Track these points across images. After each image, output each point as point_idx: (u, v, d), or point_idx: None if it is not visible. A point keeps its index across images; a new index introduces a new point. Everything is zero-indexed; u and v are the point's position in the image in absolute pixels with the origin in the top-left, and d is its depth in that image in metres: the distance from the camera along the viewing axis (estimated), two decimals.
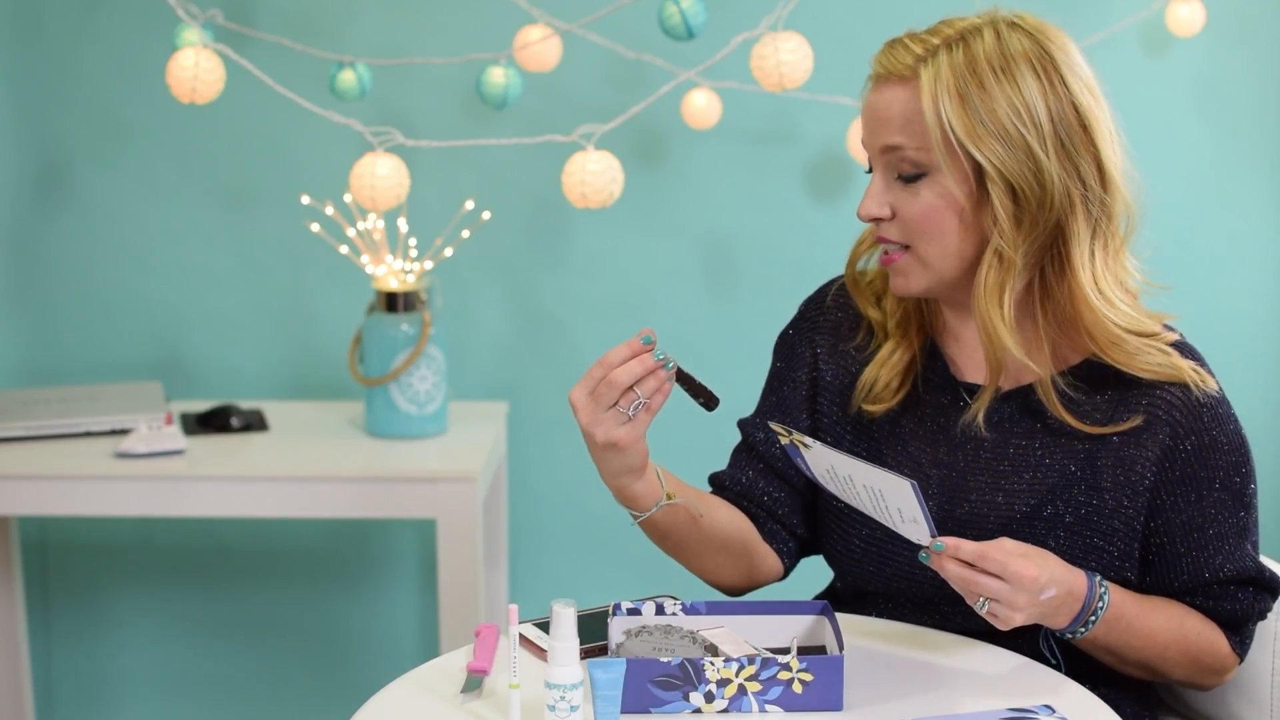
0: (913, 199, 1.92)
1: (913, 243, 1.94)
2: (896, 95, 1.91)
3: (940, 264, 1.94)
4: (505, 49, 3.02)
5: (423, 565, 3.40)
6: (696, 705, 1.80)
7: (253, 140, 3.27)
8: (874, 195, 1.94)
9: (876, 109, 1.93)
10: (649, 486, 1.95)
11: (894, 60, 1.91)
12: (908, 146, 1.91)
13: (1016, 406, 1.99)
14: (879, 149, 1.93)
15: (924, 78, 1.89)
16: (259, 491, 2.94)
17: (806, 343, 2.10)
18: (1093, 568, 1.94)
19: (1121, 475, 1.94)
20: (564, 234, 3.29)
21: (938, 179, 1.91)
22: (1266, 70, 3.23)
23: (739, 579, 2.10)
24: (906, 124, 1.90)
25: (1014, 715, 1.77)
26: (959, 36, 1.90)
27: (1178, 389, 1.94)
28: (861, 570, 2.04)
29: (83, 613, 3.43)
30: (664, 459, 2.10)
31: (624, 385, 1.84)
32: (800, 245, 3.25)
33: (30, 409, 3.07)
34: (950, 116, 1.88)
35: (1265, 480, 3.32)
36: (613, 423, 1.86)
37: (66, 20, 3.24)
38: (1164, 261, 3.22)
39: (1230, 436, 1.95)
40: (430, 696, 1.84)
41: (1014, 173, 1.88)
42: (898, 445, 2.03)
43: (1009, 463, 1.97)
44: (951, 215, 1.91)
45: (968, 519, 1.98)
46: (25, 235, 3.30)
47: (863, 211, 1.95)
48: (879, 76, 1.93)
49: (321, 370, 3.33)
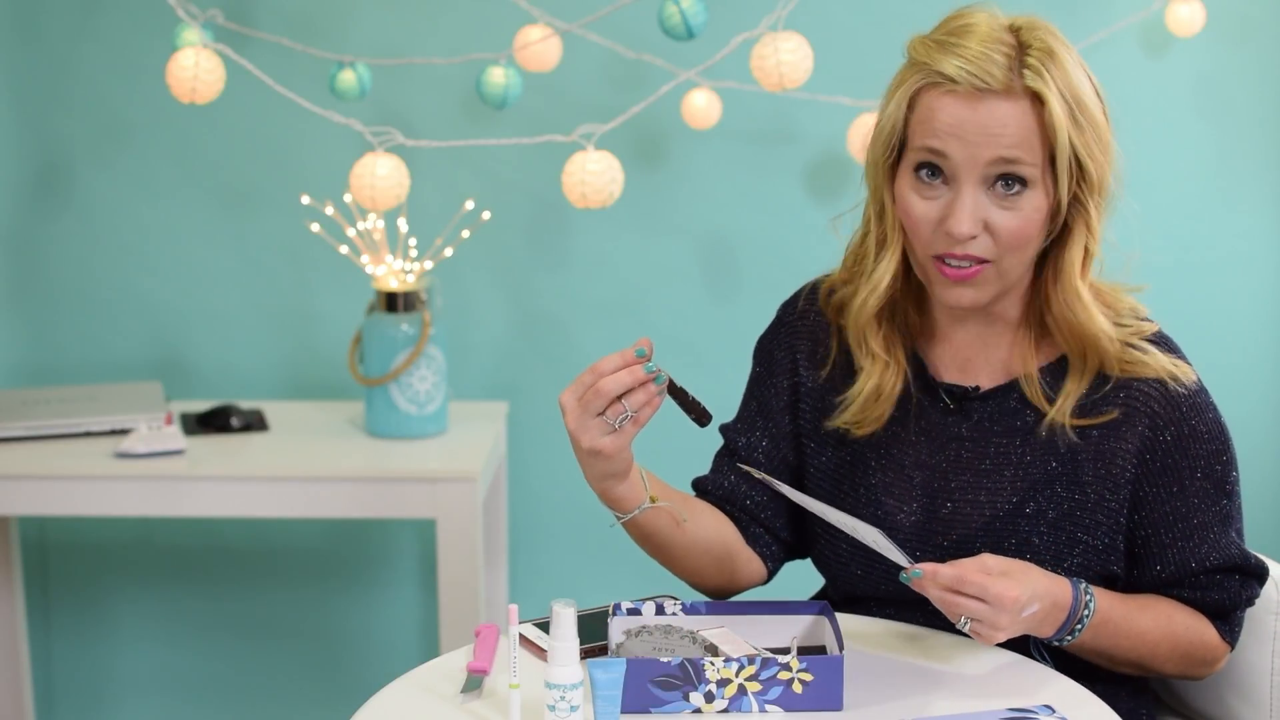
0: (1012, 214, 1.90)
1: (1000, 257, 1.91)
2: (1009, 112, 1.88)
3: (1015, 274, 1.94)
4: (505, 49, 3.02)
5: (423, 565, 3.40)
6: (696, 705, 1.80)
7: (253, 140, 3.27)
8: (972, 213, 1.89)
9: (986, 125, 1.88)
10: (632, 489, 1.96)
11: (988, 73, 1.87)
12: (1025, 162, 1.89)
13: (997, 405, 1.99)
14: (988, 162, 1.88)
15: (1047, 95, 1.87)
16: (259, 491, 2.94)
17: (785, 349, 2.11)
18: (1077, 563, 1.95)
19: (1103, 469, 1.95)
20: (564, 234, 3.29)
21: (1037, 191, 1.90)
22: (1266, 70, 3.23)
23: (721, 582, 2.11)
24: (1026, 141, 1.88)
25: (1014, 715, 1.78)
26: (1035, 44, 1.89)
27: (1155, 382, 1.95)
28: (849, 574, 2.05)
29: (83, 613, 3.43)
30: (651, 462, 2.10)
31: (612, 395, 1.85)
32: (800, 245, 3.25)
33: (30, 409, 3.07)
34: (1071, 132, 1.88)
35: (1265, 480, 3.32)
36: (598, 431, 1.87)
37: (66, 20, 3.24)
38: (1164, 261, 3.24)
39: (1209, 425, 1.96)
40: (430, 696, 1.84)
41: (1105, 174, 1.92)
42: (881, 449, 2.04)
43: (990, 461, 1.98)
44: (1042, 226, 1.92)
45: (951, 518, 1.98)
46: (25, 235, 3.30)
47: (961, 230, 1.89)
48: (979, 90, 1.88)
49: (321, 370, 3.33)
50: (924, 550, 1.99)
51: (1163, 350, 1.97)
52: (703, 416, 1.89)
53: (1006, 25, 1.91)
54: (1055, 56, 1.89)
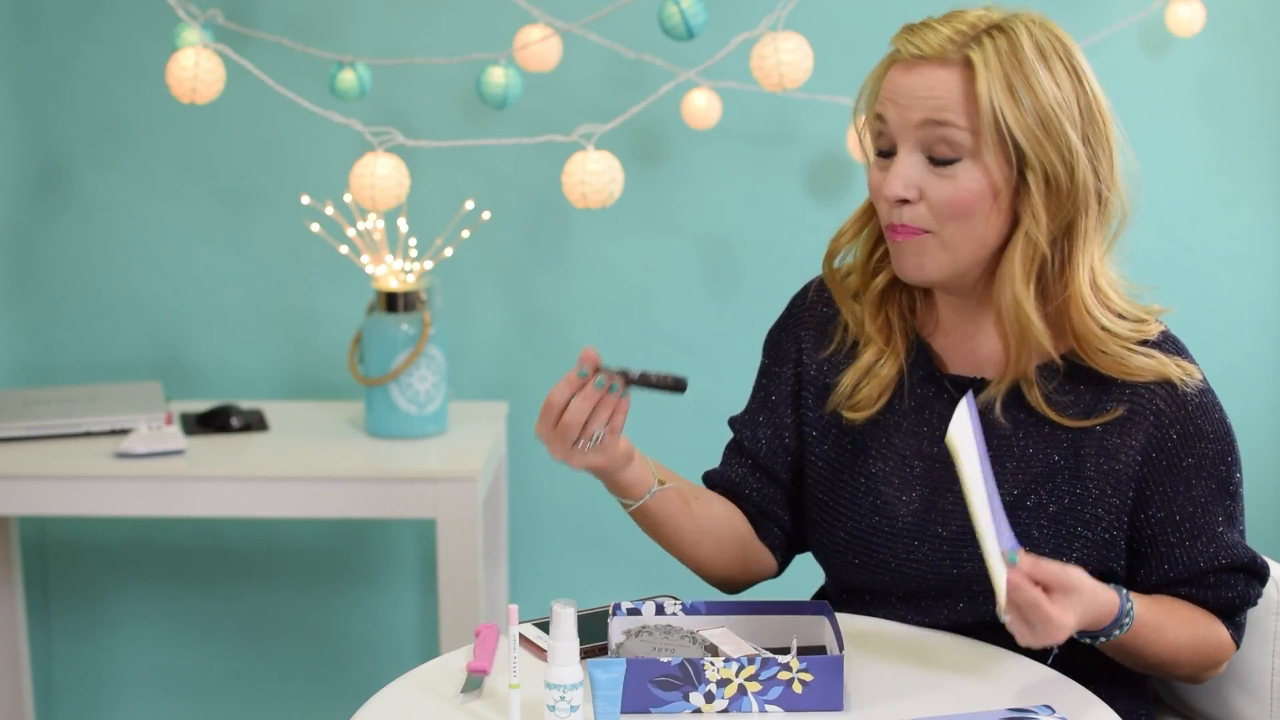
0: (946, 183, 1.91)
1: (940, 228, 1.93)
2: (940, 77, 1.90)
3: (963, 249, 1.94)
4: (505, 49, 3.02)
5: (423, 565, 3.40)
6: (696, 705, 1.80)
7: (253, 140, 3.27)
8: (902, 175, 1.92)
9: (914, 89, 1.91)
10: (639, 474, 1.98)
11: (927, 42, 1.91)
12: (956, 125, 1.90)
13: (999, 397, 1.99)
14: (916, 123, 1.91)
15: (977, 62, 1.89)
16: (259, 491, 2.94)
17: (791, 339, 2.12)
18: (1076, 558, 1.95)
19: (1105, 464, 1.95)
20: (564, 234, 3.29)
21: (975, 164, 1.91)
22: (1266, 70, 3.23)
23: (735, 572, 2.11)
24: (953, 105, 1.90)
25: (1014, 715, 1.78)
26: (995, 27, 1.91)
27: (1162, 382, 1.95)
28: (846, 563, 2.05)
29: (83, 613, 3.43)
30: (662, 459, 2.10)
31: (579, 424, 1.86)
32: (800, 245, 3.25)
33: (30, 409, 3.07)
34: (1001, 103, 1.88)
35: (1266, 480, 3.32)
36: (581, 453, 1.89)
37: (66, 20, 3.24)
38: (1164, 261, 3.24)
39: (1215, 425, 1.96)
40: (430, 696, 1.84)
41: (1050, 162, 1.90)
42: (882, 438, 2.04)
43: (992, 453, 1.98)
44: (986, 201, 1.92)
45: (951, 509, 1.98)
46: (25, 235, 3.30)
47: (889, 191, 1.92)
48: (915, 57, 1.91)
49: (321, 370, 3.33)
50: (922, 540, 1.99)
51: (1169, 351, 1.97)
52: (676, 386, 1.87)
53: (989, 16, 1.93)
54: (1011, 39, 1.90)
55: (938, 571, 1.98)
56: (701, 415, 2.83)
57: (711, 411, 2.30)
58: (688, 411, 3.22)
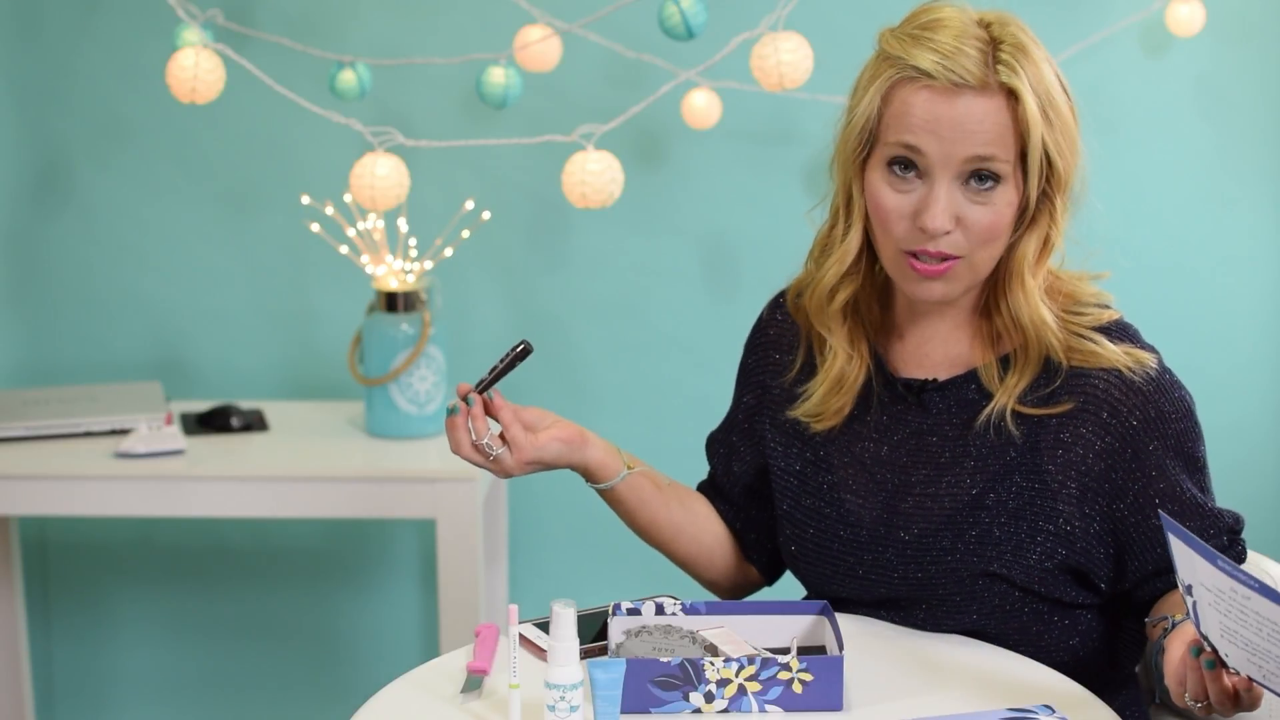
0: (985, 209, 1.90)
1: (971, 252, 1.92)
2: (986, 109, 1.88)
3: (985, 269, 1.95)
4: (505, 49, 3.02)
5: (423, 565, 3.40)
6: (696, 705, 1.80)
7: (253, 140, 3.27)
8: (946, 209, 1.89)
9: (961, 121, 1.88)
10: (606, 455, 2.05)
11: (964, 68, 1.87)
12: (1000, 159, 1.89)
13: (955, 397, 1.99)
14: (964, 158, 1.89)
15: (1022, 91, 1.87)
16: (259, 491, 2.94)
17: (757, 359, 2.14)
18: (1039, 554, 1.95)
19: (1062, 455, 1.94)
20: (564, 234, 3.29)
21: (1009, 186, 1.91)
22: (1267, 70, 3.23)
23: (722, 575, 2.16)
24: (1001, 139, 1.89)
25: (1014, 715, 1.78)
26: (1007, 41, 1.90)
27: (1111, 371, 1.95)
28: (818, 573, 2.07)
29: (83, 613, 3.43)
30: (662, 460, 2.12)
31: (469, 446, 1.98)
32: (800, 245, 3.23)
33: (30, 409, 3.07)
34: (1043, 129, 1.89)
35: (1265, 480, 3.32)
36: (508, 465, 1.99)
37: (66, 20, 3.24)
38: (1164, 261, 3.24)
39: (1175, 404, 1.95)
40: (430, 696, 1.84)
41: (1070, 169, 1.92)
42: (843, 447, 2.04)
43: (950, 453, 1.98)
44: (1010, 221, 1.92)
45: (913, 512, 1.98)
46: (25, 235, 3.30)
47: (935, 225, 1.89)
48: (955, 85, 1.88)
49: (321, 370, 3.33)
50: (885, 546, 1.99)
51: (1117, 338, 1.97)
52: (522, 354, 1.97)
53: (976, 20, 1.92)
54: (1027, 53, 1.90)
55: (903, 576, 1.99)
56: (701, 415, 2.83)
57: (712, 411, 2.30)
58: (688, 412, 3.22)
